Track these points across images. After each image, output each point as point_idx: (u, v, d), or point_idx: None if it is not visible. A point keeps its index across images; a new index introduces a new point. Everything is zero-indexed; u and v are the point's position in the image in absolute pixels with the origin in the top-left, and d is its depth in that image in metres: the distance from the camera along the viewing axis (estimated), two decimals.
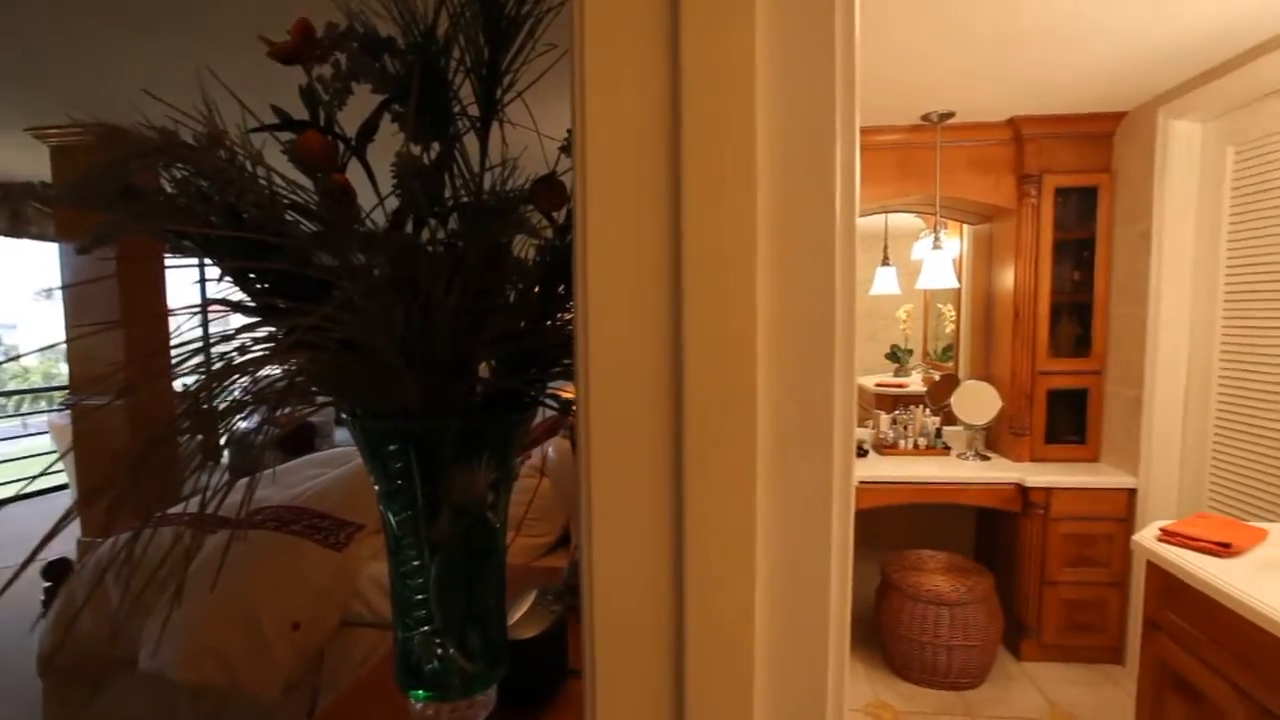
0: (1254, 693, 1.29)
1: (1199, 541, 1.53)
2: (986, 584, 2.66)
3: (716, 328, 0.25)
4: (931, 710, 2.51)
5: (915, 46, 2.06)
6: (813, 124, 0.24)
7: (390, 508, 0.56)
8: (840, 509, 0.26)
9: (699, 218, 0.25)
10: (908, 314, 3.61)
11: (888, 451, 3.15)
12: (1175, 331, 2.54)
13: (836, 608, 0.26)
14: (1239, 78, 2.15)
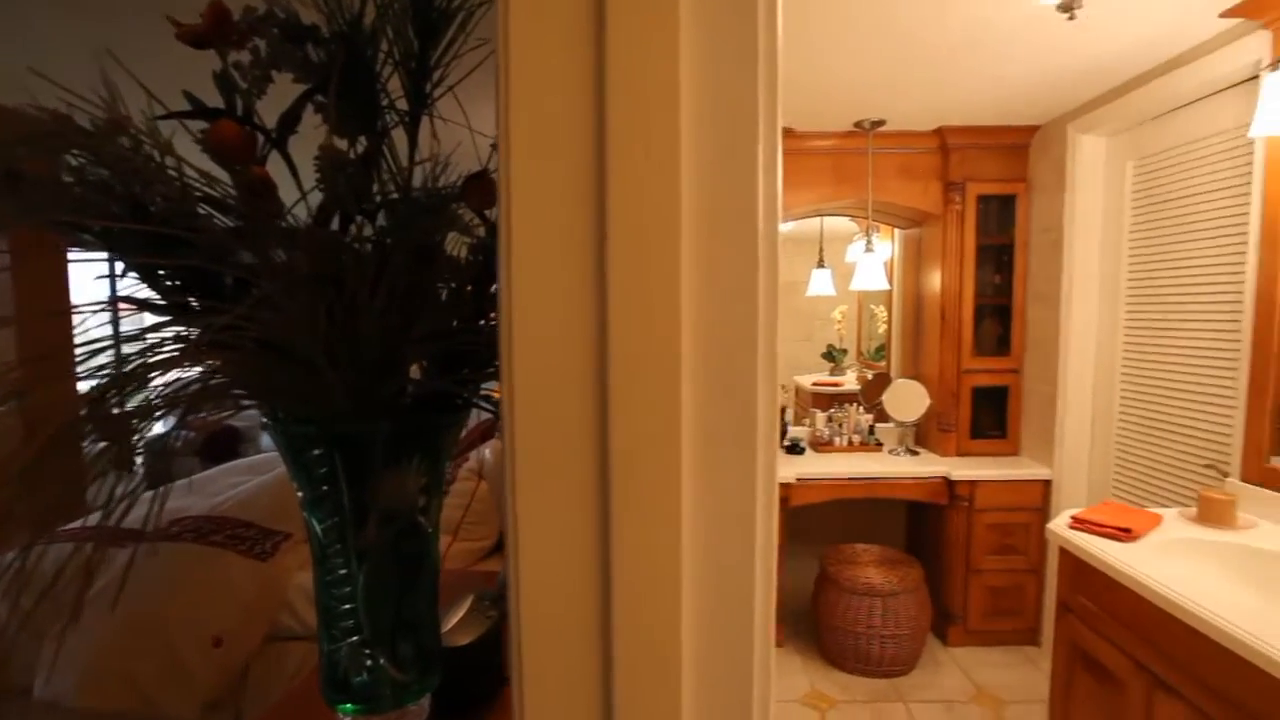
0: (1151, 666, 1.39)
1: (1103, 527, 1.64)
2: (916, 574, 2.77)
3: (641, 329, 0.25)
4: (865, 698, 2.60)
5: (848, 56, 2.13)
6: (736, 125, 0.24)
7: (315, 514, 0.54)
8: (765, 508, 0.26)
9: (623, 219, 0.25)
10: (843, 315, 3.73)
11: (823, 449, 3.23)
12: (1084, 332, 2.71)
13: (761, 605, 0.27)
14: (1136, 98, 2.31)
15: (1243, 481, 1.84)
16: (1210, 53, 2.00)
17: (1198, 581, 1.40)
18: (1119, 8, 1.80)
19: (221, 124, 0.43)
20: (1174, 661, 1.33)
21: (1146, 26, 1.93)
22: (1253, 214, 1.86)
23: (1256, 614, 1.25)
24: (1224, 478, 1.91)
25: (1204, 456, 2.11)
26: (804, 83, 2.37)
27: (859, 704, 2.56)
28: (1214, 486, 1.83)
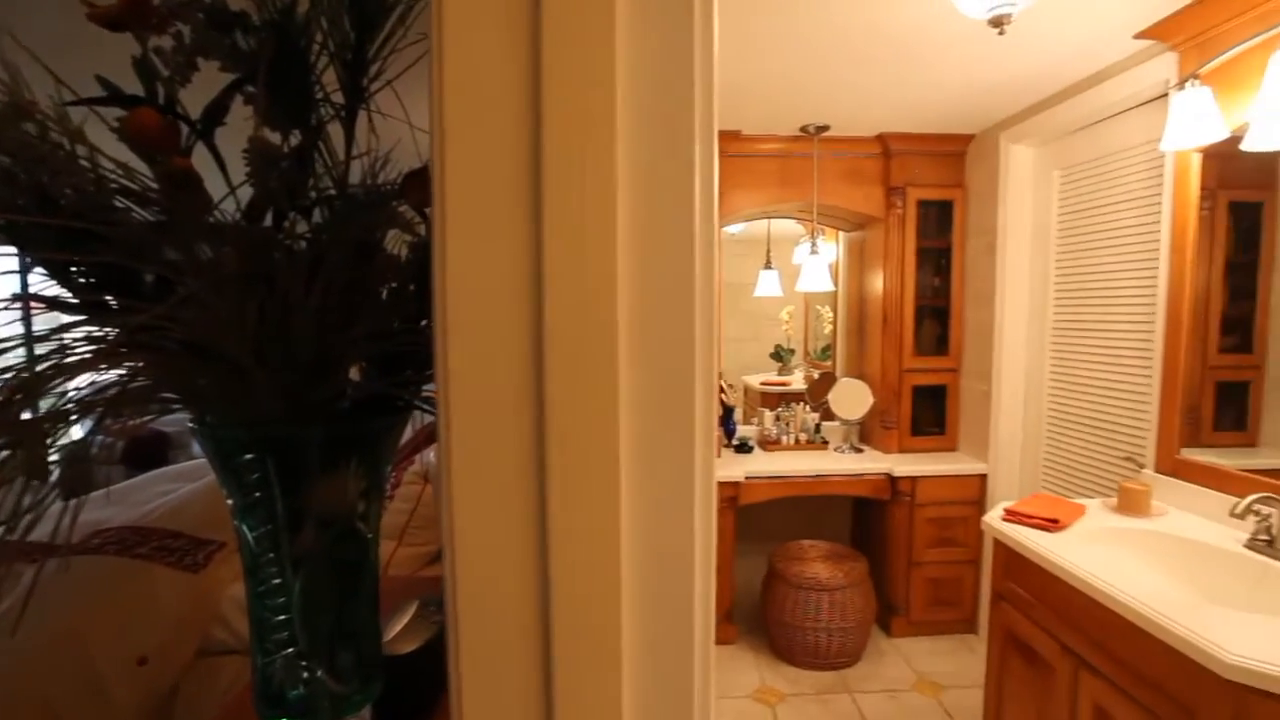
0: (1076, 648, 1.46)
1: (1033, 519, 1.72)
2: (861, 569, 2.84)
3: (578, 326, 0.25)
4: (813, 691, 2.65)
5: (795, 62, 2.17)
6: (673, 126, 0.25)
7: (246, 522, 0.52)
8: (702, 506, 0.27)
9: (560, 218, 0.24)
10: (790, 315, 3.80)
11: (771, 447, 3.29)
12: (1015, 333, 2.84)
13: (701, 603, 0.27)
14: (1061, 111, 2.43)
15: (1157, 472, 1.95)
16: (1125, 71, 2.13)
17: (1117, 567, 1.48)
18: (1044, 26, 1.89)
19: (140, 112, 0.41)
20: (1096, 643, 1.40)
21: (1069, 44, 2.04)
22: (1164, 223, 1.98)
23: (1166, 595, 1.33)
24: (1140, 469, 2.03)
25: (1123, 449, 2.24)
26: (752, 87, 2.41)
27: (807, 697, 2.61)
28: (1132, 478, 1.94)
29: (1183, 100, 1.65)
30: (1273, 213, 1.79)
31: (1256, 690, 1.05)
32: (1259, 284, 1.82)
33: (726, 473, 2.88)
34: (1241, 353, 1.87)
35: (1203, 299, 1.89)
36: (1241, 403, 1.87)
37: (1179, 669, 1.17)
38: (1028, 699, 1.65)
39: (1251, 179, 1.80)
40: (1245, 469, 1.73)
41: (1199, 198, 1.86)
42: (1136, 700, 1.28)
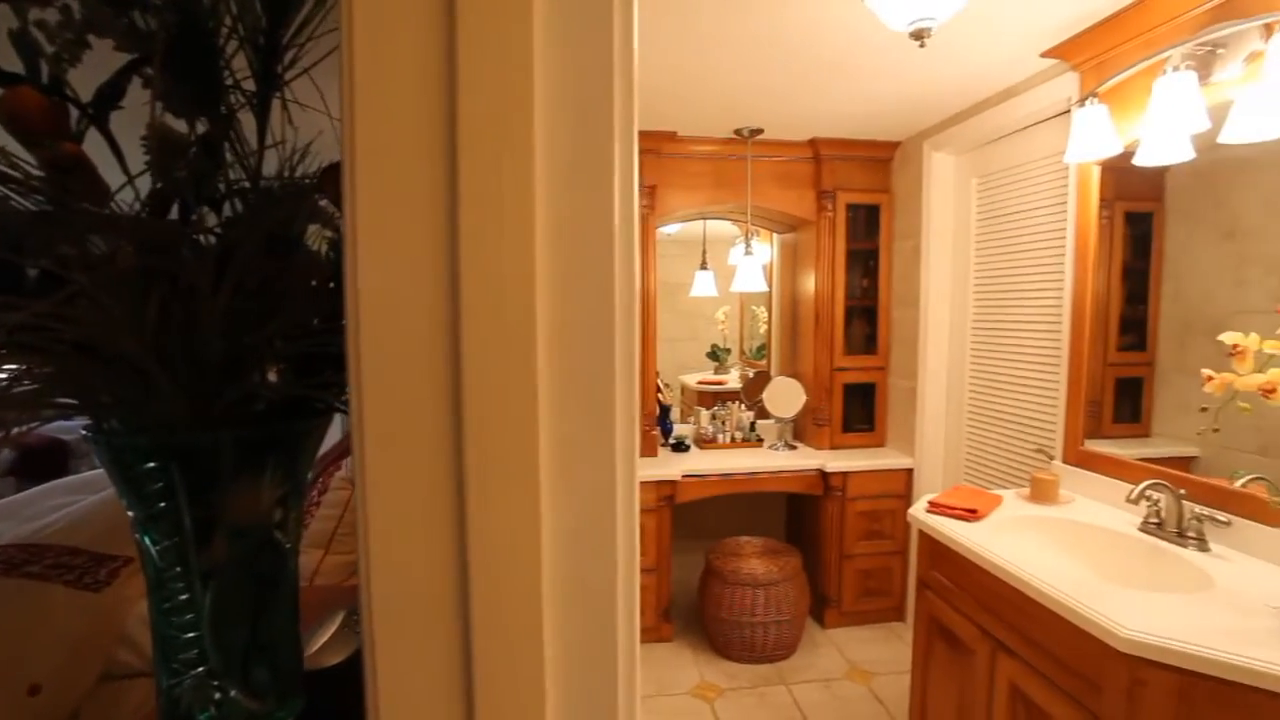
0: (994, 632, 1.54)
1: (954, 510, 1.80)
2: (795, 563, 2.92)
3: (496, 331, 0.24)
4: (751, 684, 2.70)
5: (728, 65, 2.20)
6: (592, 126, 0.24)
7: (149, 535, 0.49)
8: (625, 507, 0.26)
9: (476, 217, 0.24)
10: (726, 315, 3.86)
11: (707, 446, 3.33)
12: (938, 332, 2.97)
13: (625, 605, 0.27)
14: (977, 122, 2.56)
15: (1064, 463, 2.08)
16: (1034, 87, 2.26)
17: (1028, 553, 1.57)
18: (961, 42, 1.98)
19: (19, 92, 0.38)
20: (1011, 626, 1.48)
21: (983, 60, 2.15)
22: (1069, 230, 2.12)
23: (1071, 577, 1.42)
24: (1050, 460, 2.16)
25: (1036, 442, 2.38)
26: (687, 89, 2.43)
27: (745, 690, 2.66)
28: (1042, 468, 2.06)
29: (1083, 116, 1.76)
30: (1161, 222, 1.93)
31: (1148, 661, 1.13)
32: (1151, 287, 1.97)
33: (663, 471, 2.90)
34: (1137, 350, 2.02)
35: (1103, 301, 2.03)
36: (1137, 397, 2.02)
37: (1083, 646, 1.25)
38: (950, 682, 1.73)
39: (1144, 191, 1.95)
40: (1140, 458, 1.86)
41: (1098, 207, 2.00)
42: (1047, 677, 1.37)
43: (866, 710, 2.52)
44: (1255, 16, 1.46)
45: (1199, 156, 1.61)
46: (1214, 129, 1.50)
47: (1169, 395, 1.92)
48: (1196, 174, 1.79)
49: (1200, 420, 1.62)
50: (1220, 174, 1.74)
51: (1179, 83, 1.53)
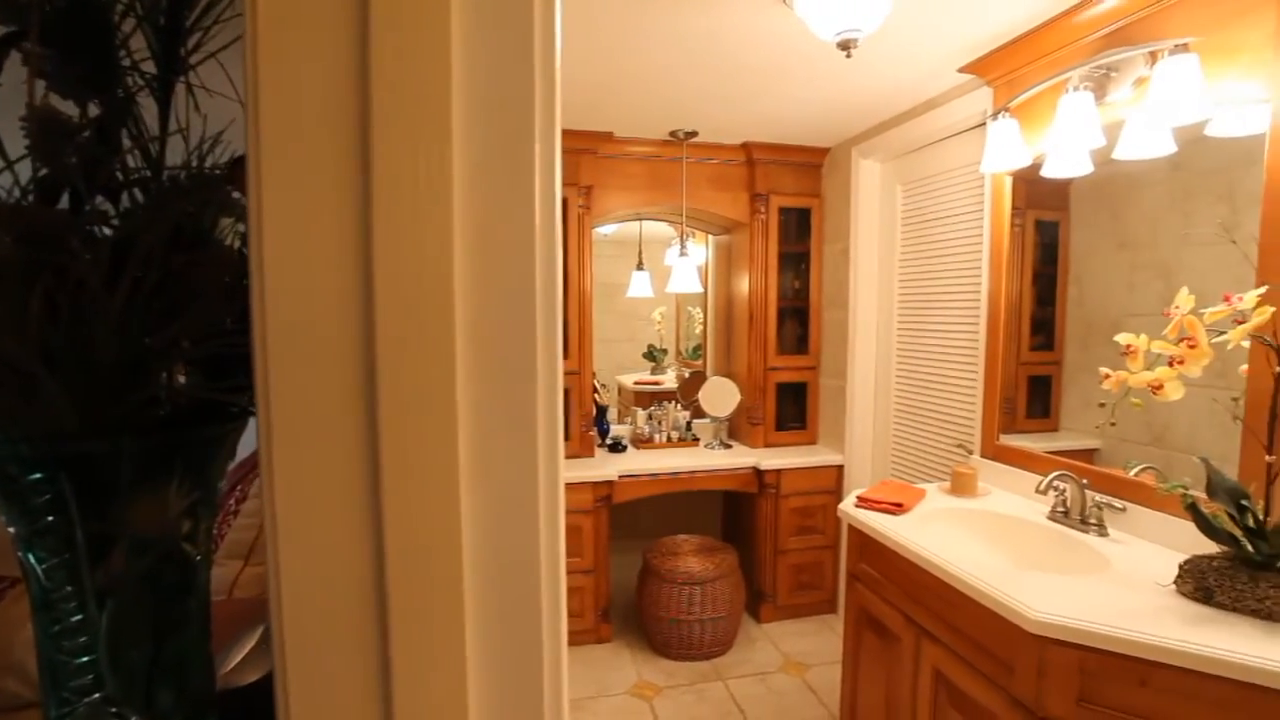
0: (918, 620, 1.61)
1: (880, 504, 1.87)
2: (731, 560, 2.96)
3: (413, 329, 0.23)
4: (689, 681, 2.73)
5: (663, 67, 2.22)
6: (512, 124, 0.24)
7: (34, 552, 0.45)
8: (548, 508, 0.26)
9: (391, 215, 0.23)
10: (662, 316, 3.89)
11: (644, 445, 3.35)
12: (866, 332, 3.08)
13: (549, 604, 0.26)
14: (901, 131, 2.67)
15: (982, 457, 2.20)
16: (953, 100, 2.38)
17: (949, 543, 1.64)
18: (885, 54, 2.06)
19: None
20: (934, 613, 1.55)
21: (906, 73, 2.25)
22: (984, 237, 2.24)
23: (987, 565, 1.50)
24: (970, 454, 2.27)
25: (956, 437, 2.50)
26: (623, 89, 2.44)
27: (683, 688, 2.68)
28: (962, 462, 2.16)
29: (996, 129, 1.86)
30: (1067, 230, 2.07)
31: (1054, 640, 1.21)
32: (1058, 291, 2.10)
33: (601, 472, 2.90)
34: (1046, 350, 2.15)
35: (1016, 304, 2.15)
36: (1047, 394, 2.15)
37: (998, 629, 1.33)
38: (879, 669, 1.79)
39: (1052, 200, 2.07)
40: (1049, 451, 1.98)
41: (1011, 215, 2.11)
42: (967, 661, 1.43)
43: (800, 701, 2.59)
44: (1141, 45, 1.58)
45: (1097, 170, 1.73)
46: (1110, 145, 1.62)
47: (1075, 392, 2.05)
48: (1095, 186, 1.92)
49: (1100, 415, 1.74)
50: (1115, 187, 1.88)
51: (1078, 102, 1.64)
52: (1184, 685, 1.11)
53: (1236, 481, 1.31)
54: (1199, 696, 1.10)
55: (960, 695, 1.46)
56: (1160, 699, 1.13)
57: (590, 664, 2.85)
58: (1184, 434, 1.67)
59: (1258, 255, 1.39)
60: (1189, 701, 1.11)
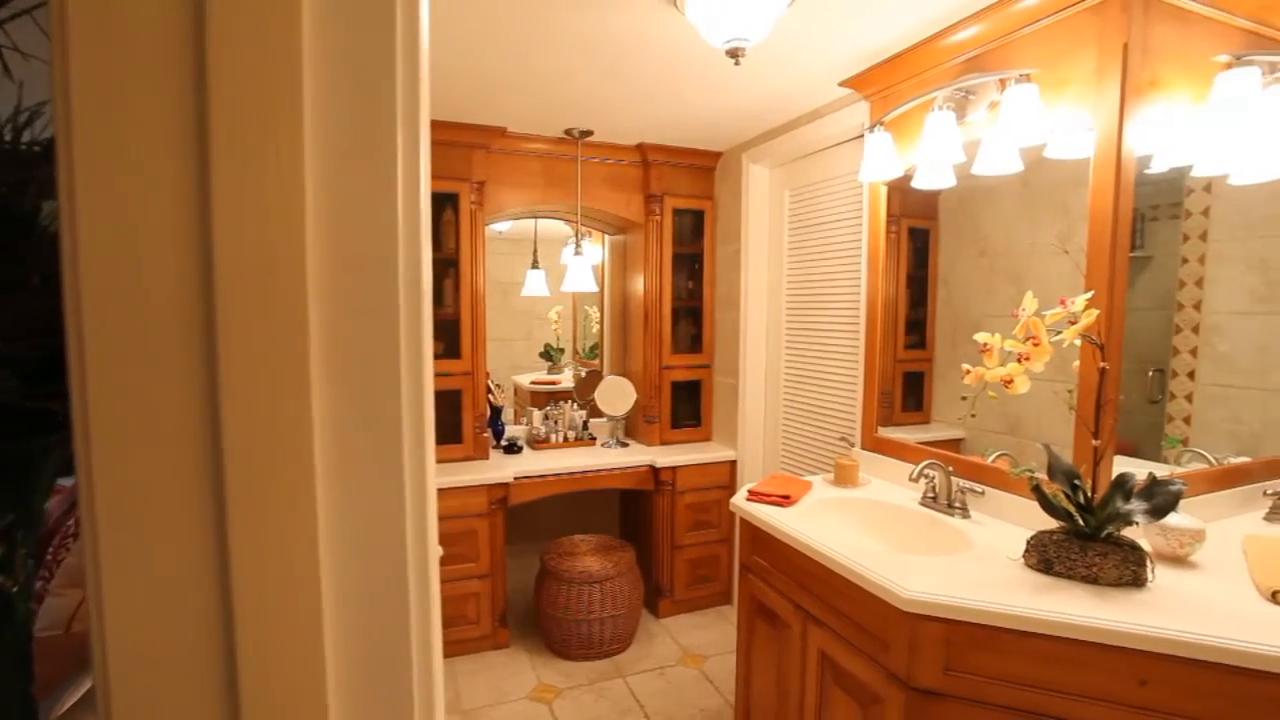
0: (806, 606, 1.69)
1: (770, 497, 1.95)
2: (629, 557, 2.99)
3: (260, 329, 0.21)
4: (589, 681, 2.72)
5: (557, 64, 2.20)
6: (372, 117, 0.22)
7: None
8: (415, 518, 0.25)
9: (234, 202, 0.20)
10: (559, 315, 3.86)
11: (540, 446, 3.31)
12: (757, 332, 3.20)
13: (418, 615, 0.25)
14: (788, 139, 2.80)
15: (863, 449, 2.34)
16: (835, 112, 2.52)
17: (833, 532, 1.74)
18: (772, 64, 2.15)
19: None
20: (819, 599, 1.63)
21: (791, 83, 2.35)
22: (863, 242, 2.38)
23: (867, 550, 1.60)
24: (852, 447, 2.41)
25: (840, 431, 2.65)
26: (517, 85, 2.39)
27: (583, 688, 2.67)
28: (844, 454, 2.29)
29: (872, 141, 1.99)
30: (936, 237, 2.24)
31: (924, 616, 1.30)
32: (929, 293, 2.27)
33: (496, 474, 2.83)
34: (919, 349, 2.32)
35: (892, 305, 2.30)
36: (920, 388, 2.32)
37: (875, 609, 1.42)
38: (771, 656, 1.87)
39: (923, 209, 2.24)
40: (921, 441, 2.14)
41: (887, 222, 2.26)
42: (849, 641, 1.52)
43: (699, 692, 2.65)
44: (993, 72, 1.74)
45: (961, 183, 1.89)
46: (970, 161, 1.77)
47: (944, 387, 2.23)
48: (960, 198, 2.09)
49: (963, 408, 1.90)
50: (975, 199, 2.06)
51: (942, 120, 1.78)
52: (1027, 647, 1.23)
53: (1071, 464, 1.47)
54: (1039, 655, 1.23)
55: (843, 673, 1.54)
56: (1009, 661, 1.25)
57: (488, 670, 2.78)
58: (1033, 423, 1.86)
59: (1086, 264, 1.57)
60: (1032, 660, 1.23)
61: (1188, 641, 1.12)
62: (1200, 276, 1.94)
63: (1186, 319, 1.94)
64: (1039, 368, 1.41)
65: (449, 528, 2.76)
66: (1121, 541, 1.36)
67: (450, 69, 2.21)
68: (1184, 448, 1.88)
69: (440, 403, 3.00)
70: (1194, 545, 1.44)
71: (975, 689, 1.28)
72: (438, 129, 2.79)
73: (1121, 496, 1.36)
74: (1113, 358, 1.52)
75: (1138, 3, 1.47)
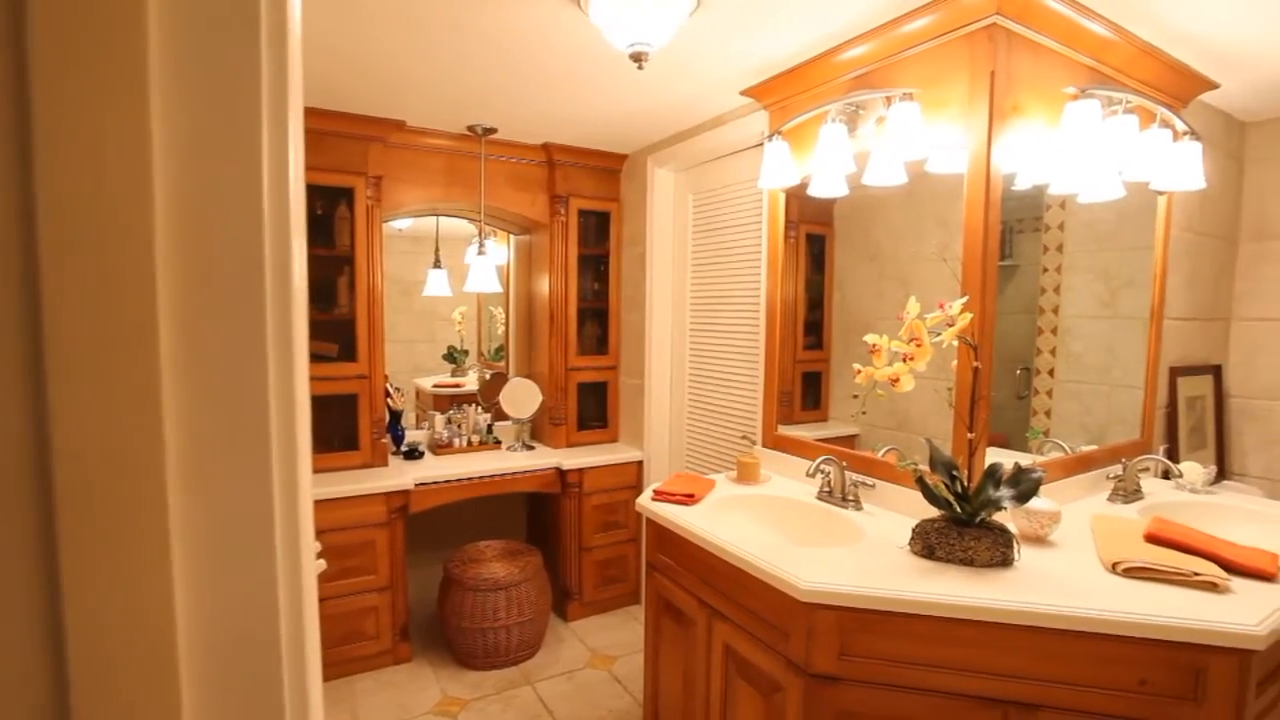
0: (710, 601, 1.73)
1: (674, 496, 1.98)
2: (536, 561, 2.95)
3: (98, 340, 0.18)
4: (496, 690, 2.66)
5: (460, 59, 2.14)
6: (234, 103, 0.20)
7: None
8: (286, 531, 0.23)
9: (65, 201, 0.18)
10: (463, 316, 3.75)
11: (443, 451, 3.21)
12: (662, 333, 3.24)
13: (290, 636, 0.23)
14: (692, 144, 2.86)
15: (764, 447, 2.42)
16: (737, 119, 2.59)
17: (735, 528, 1.79)
18: (675, 70, 2.19)
19: None
20: (723, 594, 1.67)
21: (695, 90, 2.40)
22: (763, 246, 2.47)
23: (767, 544, 1.65)
24: (754, 445, 2.49)
25: (742, 430, 2.73)
26: (417, 77, 2.30)
27: (490, 698, 2.61)
28: (746, 452, 2.36)
29: (771, 150, 2.06)
30: (832, 243, 2.35)
31: (821, 605, 1.37)
32: (825, 297, 2.38)
33: (395, 482, 2.72)
34: (817, 349, 2.43)
35: (792, 307, 2.40)
36: (818, 388, 2.43)
37: (776, 601, 1.47)
38: (678, 653, 1.90)
39: (820, 216, 2.35)
40: (819, 439, 2.24)
41: (785, 227, 2.36)
42: (752, 633, 1.57)
43: (608, 693, 2.65)
44: (881, 89, 1.85)
45: (853, 193, 1.99)
46: (860, 172, 1.87)
47: (840, 386, 2.35)
48: (853, 206, 2.21)
49: (857, 405, 2.01)
50: (867, 208, 2.18)
51: (835, 132, 1.87)
52: (913, 628, 1.32)
53: (951, 456, 1.58)
54: (924, 635, 1.32)
55: (747, 665, 1.59)
56: (898, 642, 1.33)
57: (389, 687, 2.66)
58: (919, 419, 1.99)
59: (961, 272, 1.70)
60: (918, 640, 1.32)
61: (1046, 613, 1.24)
62: (1058, 284, 2.15)
63: (1047, 322, 2.15)
64: (922, 367, 1.51)
65: (344, 539, 2.62)
66: (993, 526, 1.48)
67: (344, 54, 2.10)
68: (1045, 438, 2.08)
69: (334, 408, 2.85)
70: (1052, 526, 1.59)
71: (868, 671, 1.35)
72: (330, 119, 2.65)
73: (993, 485, 1.48)
74: (985, 357, 1.65)
75: (1002, 35, 1.61)
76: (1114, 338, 2.31)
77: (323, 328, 2.84)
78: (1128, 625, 1.20)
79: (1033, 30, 1.66)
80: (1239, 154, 2.68)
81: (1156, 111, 1.92)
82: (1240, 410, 2.72)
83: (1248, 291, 2.70)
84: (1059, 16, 1.67)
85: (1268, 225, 2.63)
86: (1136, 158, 1.84)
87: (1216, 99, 2.38)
